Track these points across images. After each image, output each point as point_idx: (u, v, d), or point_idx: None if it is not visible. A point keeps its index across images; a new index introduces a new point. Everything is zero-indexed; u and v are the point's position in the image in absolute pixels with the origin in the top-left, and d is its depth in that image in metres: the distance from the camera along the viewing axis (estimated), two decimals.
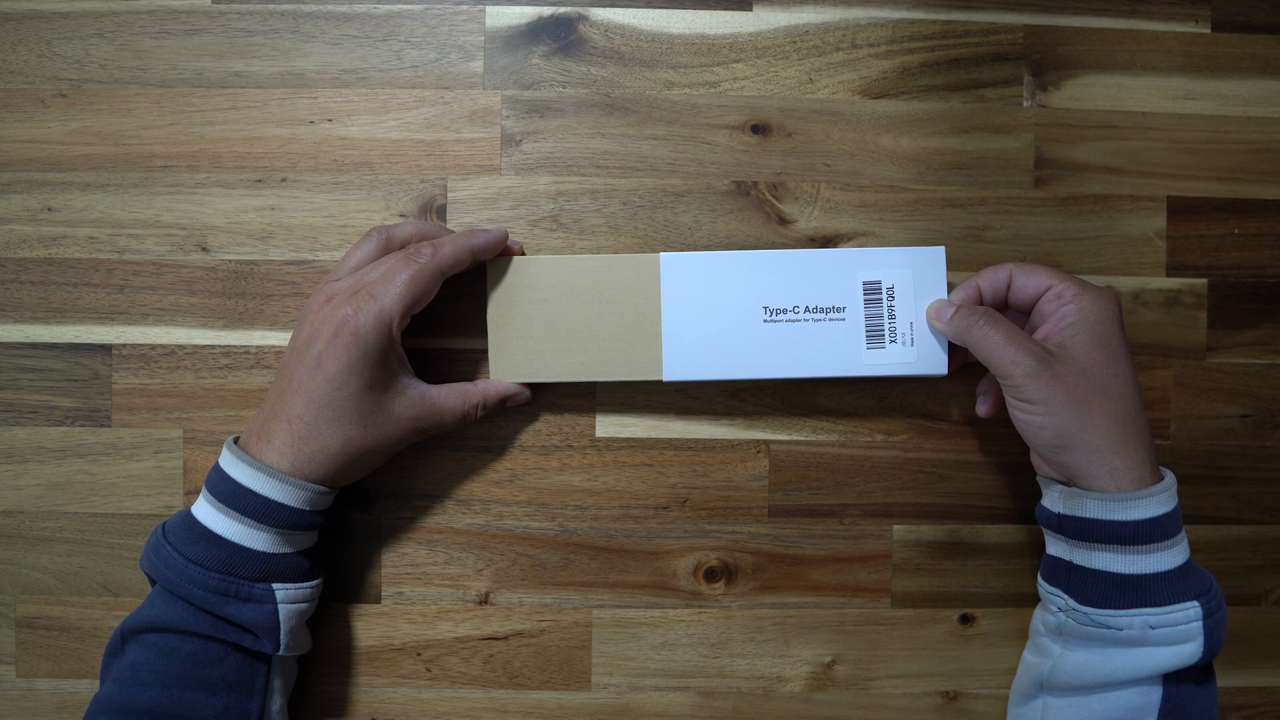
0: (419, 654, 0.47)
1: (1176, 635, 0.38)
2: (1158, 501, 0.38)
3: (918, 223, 0.47)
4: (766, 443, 0.47)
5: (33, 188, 0.46)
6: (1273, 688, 0.48)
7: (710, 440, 0.47)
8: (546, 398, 0.47)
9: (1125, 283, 0.47)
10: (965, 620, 0.47)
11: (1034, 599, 0.47)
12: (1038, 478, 0.43)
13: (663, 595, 0.47)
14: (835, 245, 0.47)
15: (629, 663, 0.47)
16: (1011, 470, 0.47)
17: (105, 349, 0.46)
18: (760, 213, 0.47)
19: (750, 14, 0.47)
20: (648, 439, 0.47)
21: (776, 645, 0.47)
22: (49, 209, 0.46)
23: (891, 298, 0.43)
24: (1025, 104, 0.47)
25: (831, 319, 0.43)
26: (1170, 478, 0.40)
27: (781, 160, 0.47)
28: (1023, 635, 0.47)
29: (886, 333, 0.43)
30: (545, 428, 0.47)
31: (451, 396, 0.43)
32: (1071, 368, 0.39)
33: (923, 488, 0.47)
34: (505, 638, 0.47)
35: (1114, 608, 0.39)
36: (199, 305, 0.46)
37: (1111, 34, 0.47)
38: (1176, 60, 0.47)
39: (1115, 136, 0.47)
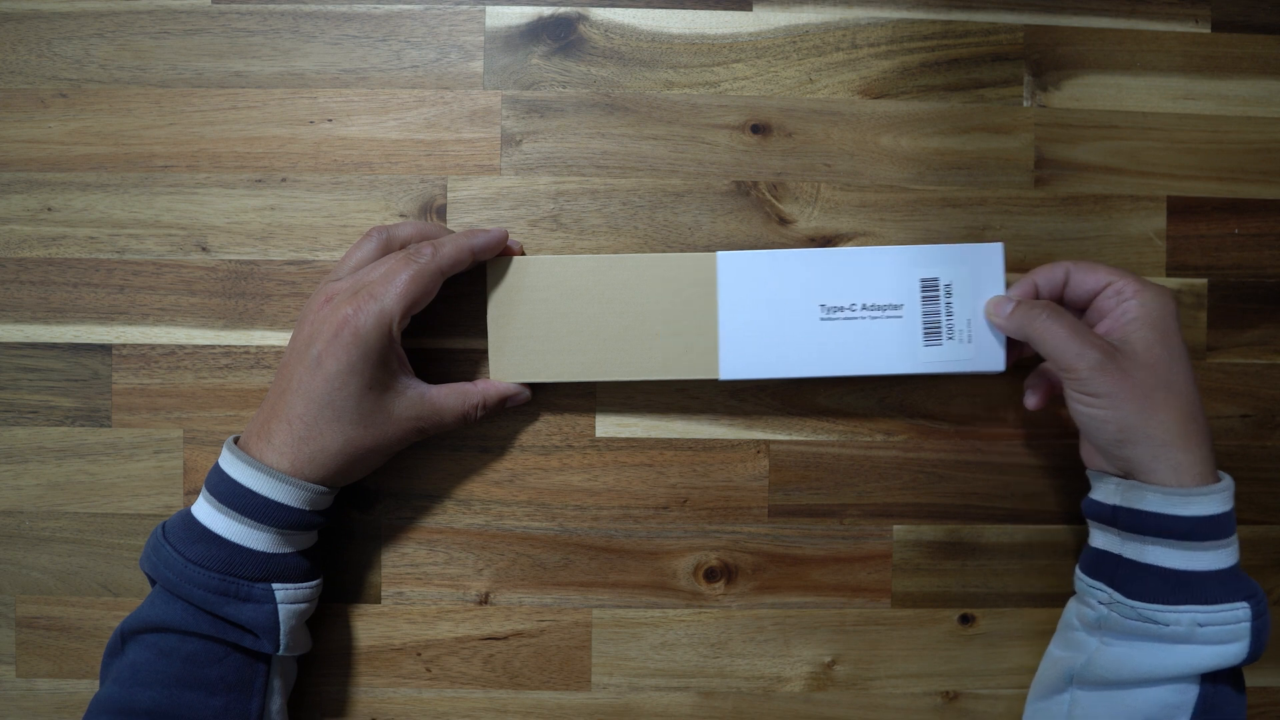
0: (419, 654, 0.47)
1: (1224, 635, 0.38)
2: (1217, 500, 0.38)
3: (918, 223, 0.47)
4: (766, 443, 0.47)
5: (33, 188, 0.46)
6: (1273, 688, 0.48)
7: (710, 440, 0.47)
8: (546, 398, 0.47)
9: None
10: (965, 620, 0.47)
11: (1035, 599, 0.47)
12: (1088, 471, 0.43)
13: (663, 595, 0.47)
14: (835, 245, 0.47)
15: (629, 663, 0.47)
16: (1011, 470, 0.47)
17: (105, 349, 0.46)
18: (760, 213, 0.47)
19: (750, 14, 0.47)
20: (648, 439, 0.47)
21: (776, 645, 0.47)
22: (49, 209, 0.46)
23: (949, 294, 0.43)
24: (1025, 104, 0.47)
25: (889, 316, 0.43)
26: (1229, 479, 0.40)
27: (781, 160, 0.47)
28: (1023, 635, 0.47)
29: (944, 329, 0.43)
30: (545, 428, 0.47)
31: (451, 396, 0.43)
32: (1136, 362, 0.39)
33: (923, 488, 0.47)
34: (505, 638, 0.47)
35: (1163, 603, 0.38)
36: (199, 305, 0.46)
37: (1111, 34, 0.47)
38: (1176, 60, 0.47)
39: (1115, 136, 0.47)
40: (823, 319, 0.43)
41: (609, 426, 0.47)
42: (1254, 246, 0.47)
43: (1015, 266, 0.47)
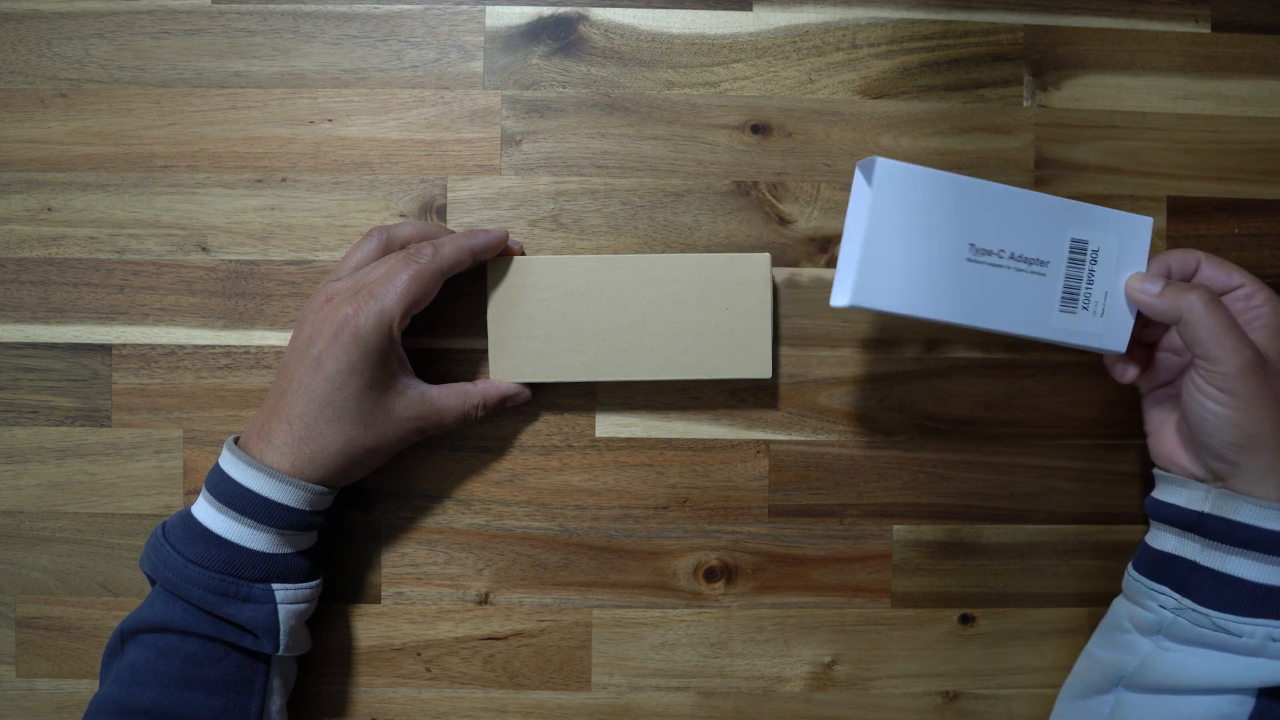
0: (419, 654, 0.47)
1: None
2: None
3: None
4: (766, 443, 0.47)
5: (33, 188, 0.46)
6: None
7: (710, 440, 0.47)
8: (546, 398, 0.47)
9: None
10: (965, 620, 0.47)
11: (1034, 599, 0.47)
12: (1158, 472, 0.42)
13: (663, 595, 0.47)
14: (835, 246, 0.47)
15: (629, 663, 0.47)
16: (1011, 470, 0.47)
17: (105, 349, 0.46)
18: (760, 213, 0.47)
19: (750, 14, 0.47)
20: (648, 439, 0.47)
21: (776, 645, 0.47)
22: (49, 209, 0.46)
23: (1094, 261, 0.40)
24: (1025, 104, 0.47)
25: (1034, 272, 0.40)
26: None
27: (781, 160, 0.47)
28: (1023, 635, 0.47)
29: (1081, 297, 0.40)
30: (545, 428, 0.47)
31: (452, 396, 0.43)
32: (1276, 370, 0.38)
33: (923, 488, 0.47)
34: (505, 638, 0.47)
35: (1239, 614, 0.38)
36: (199, 305, 0.46)
37: (1111, 34, 0.47)
38: (1176, 60, 0.47)
39: (1115, 136, 0.47)
40: (969, 260, 0.39)
41: (609, 426, 0.47)
42: (1254, 246, 0.47)
43: None
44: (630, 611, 0.47)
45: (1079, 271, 0.40)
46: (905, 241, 0.38)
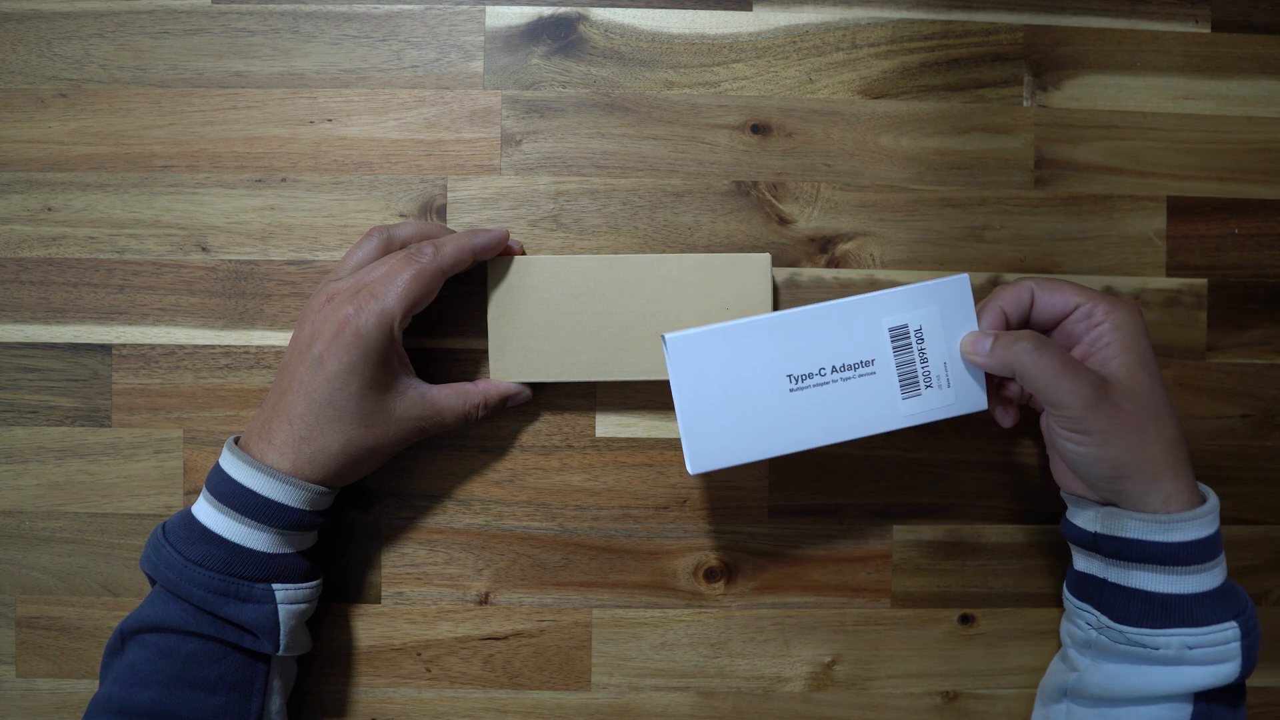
0: (419, 654, 0.47)
1: (1215, 655, 0.37)
2: (1202, 524, 0.38)
3: (918, 223, 0.47)
4: None
5: (33, 188, 0.46)
6: (1273, 688, 0.48)
7: None
8: (546, 398, 0.47)
9: (1125, 283, 0.47)
10: (965, 620, 0.47)
11: (1034, 599, 0.47)
12: (1063, 494, 0.42)
13: (663, 595, 0.47)
14: (835, 246, 0.47)
15: (629, 663, 0.47)
16: (1011, 470, 0.47)
17: (105, 349, 0.46)
18: (760, 213, 0.47)
19: (750, 14, 0.47)
20: (648, 439, 0.47)
21: (776, 645, 0.47)
22: (49, 209, 0.46)
23: (921, 340, 0.40)
24: (1025, 104, 0.47)
25: (861, 375, 0.40)
26: (1214, 498, 0.39)
27: (781, 160, 0.47)
28: (1023, 635, 0.47)
29: (920, 378, 0.40)
30: (545, 428, 0.47)
31: (452, 396, 0.43)
32: (1124, 393, 0.37)
33: (923, 488, 0.47)
34: (505, 638, 0.47)
35: (1151, 627, 0.38)
36: (199, 305, 0.46)
37: (1111, 34, 0.47)
38: (1176, 60, 0.47)
39: (1115, 136, 0.47)
40: (791, 390, 0.39)
41: (609, 426, 0.47)
42: (1254, 246, 0.47)
43: (1015, 267, 0.47)
44: (630, 611, 0.47)
45: (908, 355, 0.40)
46: (720, 399, 0.39)
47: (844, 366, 0.40)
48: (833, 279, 0.47)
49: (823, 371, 0.40)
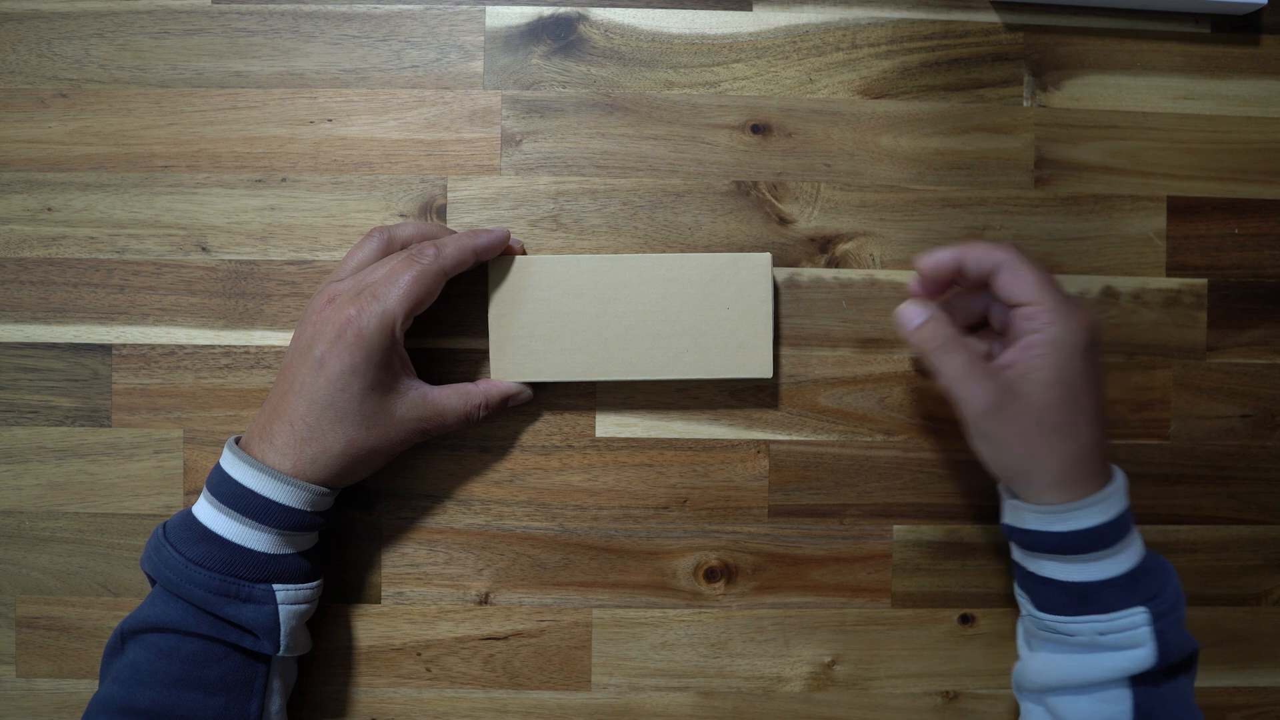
0: (419, 654, 0.47)
1: (1127, 640, 0.38)
2: (1097, 511, 0.38)
3: (918, 223, 0.47)
4: (766, 443, 0.47)
5: (33, 188, 0.46)
6: (1273, 688, 0.48)
7: (710, 440, 0.47)
8: (546, 398, 0.47)
9: (1125, 283, 0.47)
10: (965, 620, 0.47)
11: None
12: (998, 484, 0.44)
13: (663, 595, 0.47)
14: (835, 246, 0.47)
15: (629, 663, 0.47)
16: None
17: (105, 349, 0.46)
18: (760, 213, 0.47)
19: (750, 14, 0.47)
20: (648, 439, 0.47)
21: (776, 645, 0.47)
22: (49, 209, 0.46)
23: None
24: (1025, 104, 0.47)
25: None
26: (1115, 484, 0.39)
27: (781, 160, 0.47)
28: None
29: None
30: (545, 428, 0.47)
31: (454, 397, 0.43)
32: (1028, 405, 0.38)
33: (923, 488, 0.47)
34: (505, 638, 0.47)
35: (1065, 614, 0.39)
36: (199, 305, 0.46)
37: (1111, 34, 0.47)
38: (1176, 60, 0.47)
39: (1115, 136, 0.47)
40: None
41: (609, 426, 0.47)
42: (1254, 246, 0.47)
43: None
44: (630, 611, 0.47)
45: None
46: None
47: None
48: (833, 279, 0.47)
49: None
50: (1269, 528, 0.48)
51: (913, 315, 0.41)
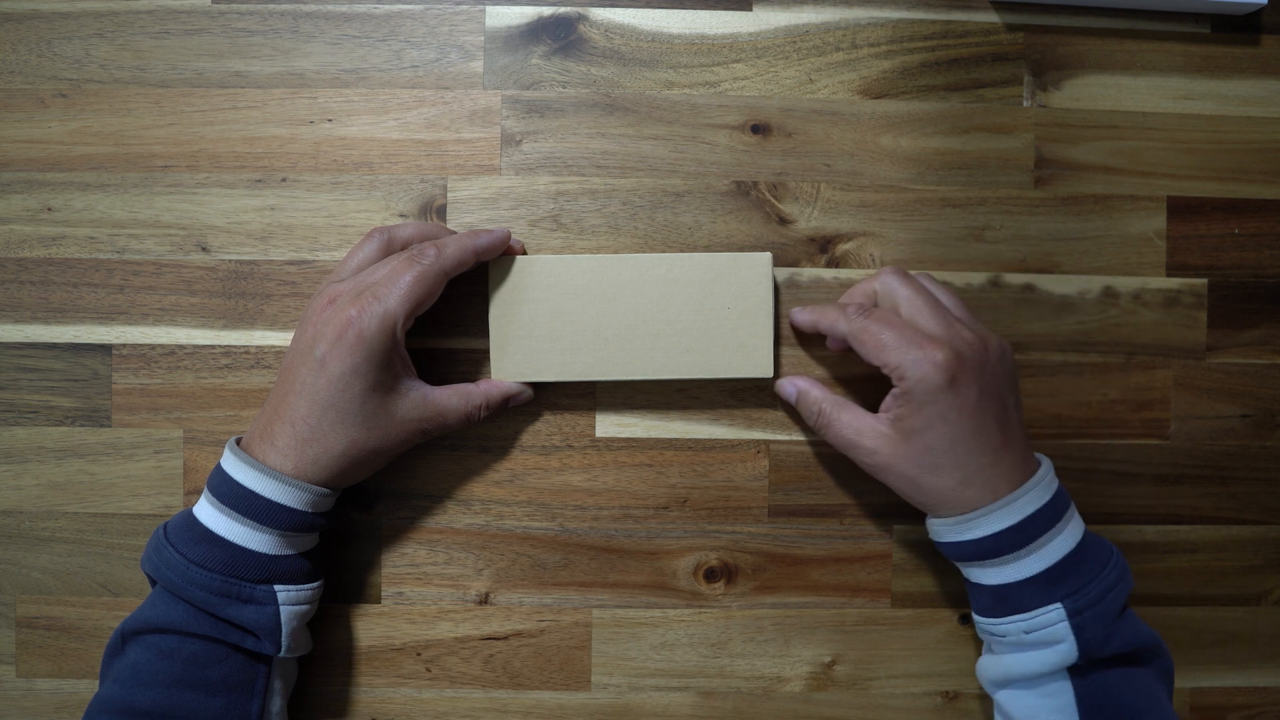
0: (419, 654, 0.47)
1: (1049, 637, 0.39)
2: (998, 517, 0.39)
3: (918, 223, 0.47)
4: (766, 443, 0.47)
5: (33, 188, 0.46)
6: (1272, 688, 0.48)
7: (710, 440, 0.47)
8: (547, 398, 0.47)
9: (1125, 283, 0.47)
10: (965, 620, 0.47)
11: None
12: None
13: (663, 595, 0.47)
14: (835, 246, 0.47)
15: (629, 663, 0.47)
16: None
17: (105, 349, 0.46)
18: (760, 213, 0.47)
19: (750, 14, 0.47)
20: (648, 439, 0.47)
21: (776, 645, 0.47)
22: (49, 209, 0.46)
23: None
24: (1025, 104, 0.47)
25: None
26: (1023, 487, 0.39)
27: (781, 160, 0.47)
28: None
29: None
30: (545, 428, 0.47)
31: (454, 397, 0.43)
32: (905, 450, 0.40)
33: None
34: (505, 638, 0.47)
35: (992, 616, 0.40)
36: (199, 305, 0.46)
37: (1111, 34, 0.47)
38: (1176, 60, 0.47)
39: (1115, 136, 0.47)
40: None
41: (609, 426, 0.47)
42: (1254, 246, 0.48)
43: (1015, 267, 0.47)
44: (630, 611, 0.47)
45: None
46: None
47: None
48: (833, 279, 0.47)
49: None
50: (1269, 528, 0.48)
51: (789, 392, 0.44)
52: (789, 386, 0.45)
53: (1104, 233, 0.47)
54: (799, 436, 0.47)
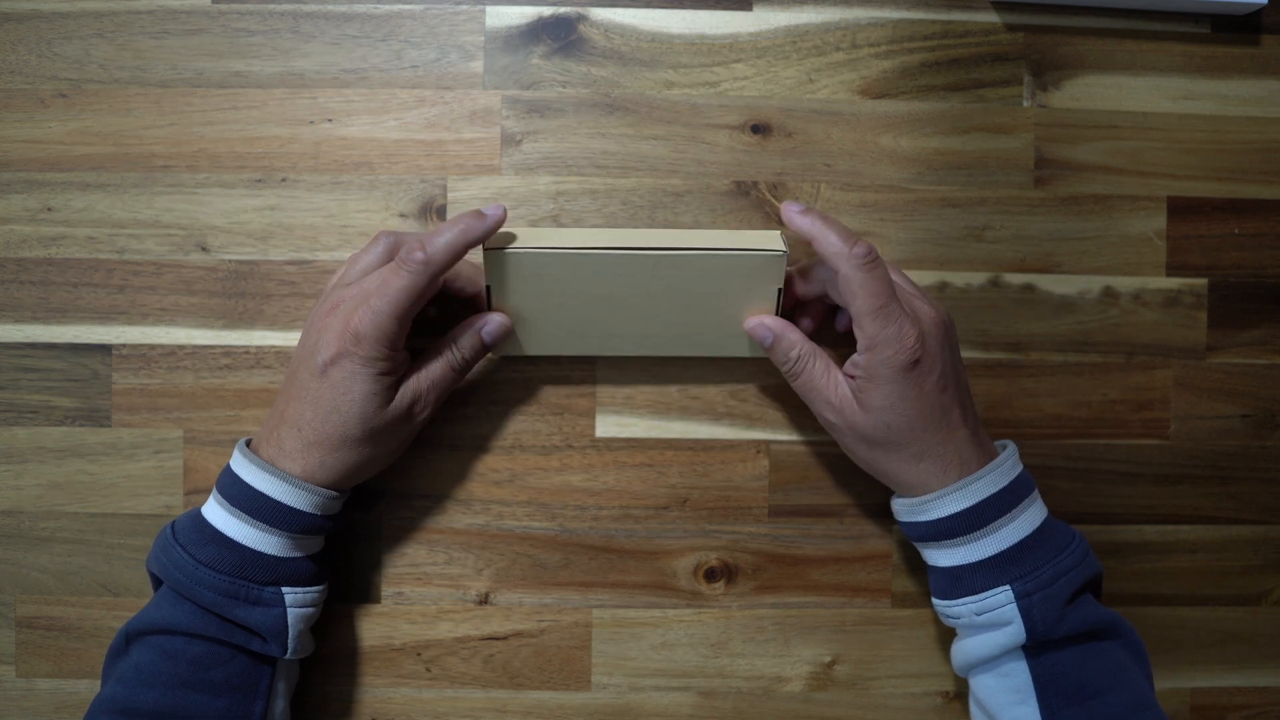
0: (419, 654, 0.47)
1: (997, 619, 0.39)
2: (955, 499, 0.39)
3: (918, 223, 0.47)
4: (766, 443, 0.47)
5: (33, 188, 0.46)
6: (1272, 688, 0.48)
7: (710, 440, 0.47)
8: (547, 398, 0.47)
9: (1125, 283, 0.47)
10: None
11: None
12: None
13: (663, 595, 0.47)
14: None
15: (629, 663, 0.47)
16: None
17: (105, 349, 0.46)
18: (760, 213, 0.47)
19: (750, 14, 0.47)
20: (648, 439, 0.47)
21: (776, 645, 0.47)
22: (49, 209, 0.46)
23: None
24: (1025, 104, 0.47)
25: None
26: (979, 472, 0.39)
27: (781, 160, 0.47)
28: None
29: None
30: (545, 428, 0.47)
31: (438, 366, 0.42)
32: (860, 424, 0.40)
33: None
34: (505, 638, 0.47)
35: (947, 599, 0.41)
36: (199, 305, 0.46)
37: (1111, 34, 0.47)
38: (1176, 60, 0.47)
39: (1115, 136, 0.47)
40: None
41: (609, 426, 0.47)
42: (1254, 246, 0.48)
43: (1015, 267, 0.47)
44: (630, 611, 0.47)
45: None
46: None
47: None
48: None
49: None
50: (1269, 528, 0.48)
51: (762, 335, 0.42)
52: (762, 330, 0.42)
53: (1104, 233, 0.47)
54: (799, 436, 0.47)
